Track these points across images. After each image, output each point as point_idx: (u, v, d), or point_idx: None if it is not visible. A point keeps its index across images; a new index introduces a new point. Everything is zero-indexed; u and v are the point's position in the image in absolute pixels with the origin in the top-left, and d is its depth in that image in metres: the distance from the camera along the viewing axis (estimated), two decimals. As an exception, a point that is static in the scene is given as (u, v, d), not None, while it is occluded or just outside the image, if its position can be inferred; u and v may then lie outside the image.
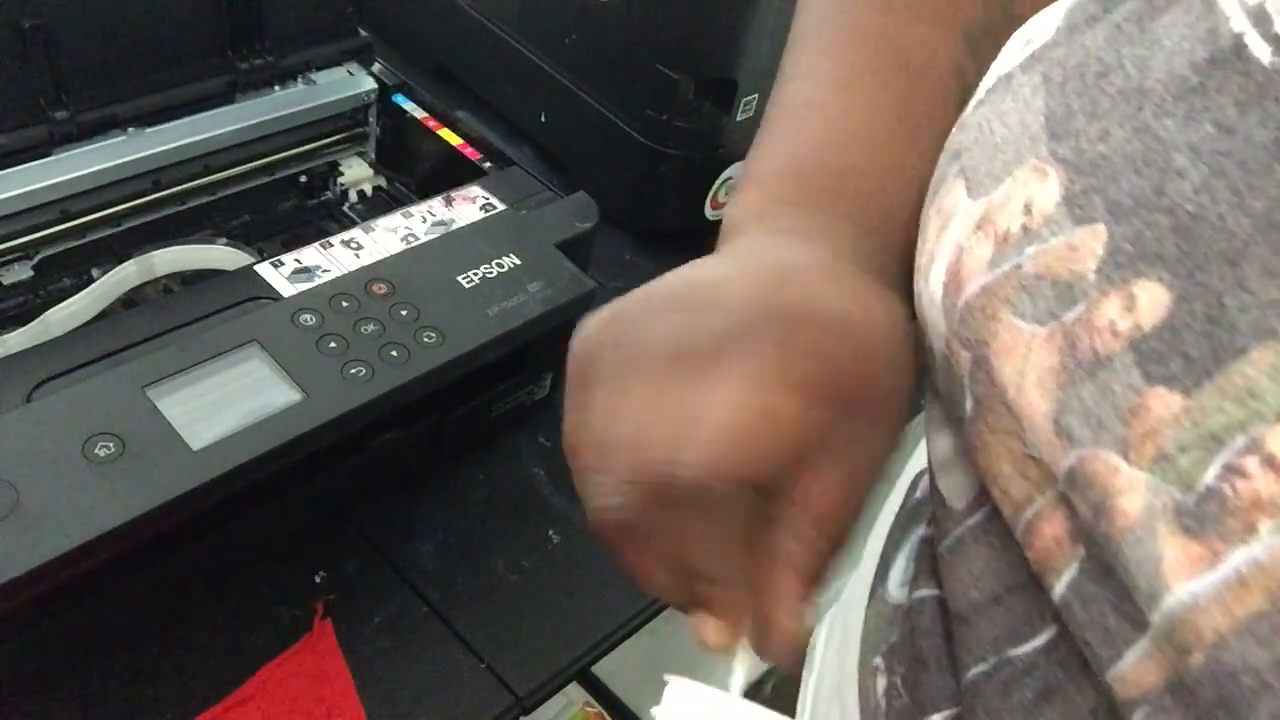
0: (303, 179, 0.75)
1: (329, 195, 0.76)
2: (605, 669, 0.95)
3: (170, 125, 0.66)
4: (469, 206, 0.67)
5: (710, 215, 0.87)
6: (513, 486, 0.69)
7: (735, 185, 0.39)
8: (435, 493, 0.68)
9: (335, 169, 0.76)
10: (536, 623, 0.62)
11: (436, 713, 0.58)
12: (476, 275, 0.61)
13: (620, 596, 0.64)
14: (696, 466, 0.29)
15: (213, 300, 0.58)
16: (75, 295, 0.62)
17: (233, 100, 0.69)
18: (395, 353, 0.56)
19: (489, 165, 0.73)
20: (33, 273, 0.63)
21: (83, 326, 0.62)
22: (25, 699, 0.54)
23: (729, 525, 0.31)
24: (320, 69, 0.74)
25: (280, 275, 0.59)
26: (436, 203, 0.67)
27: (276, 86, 0.71)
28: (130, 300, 0.65)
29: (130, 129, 0.65)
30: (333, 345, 0.55)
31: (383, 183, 0.78)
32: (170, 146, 0.66)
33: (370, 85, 0.75)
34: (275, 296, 0.58)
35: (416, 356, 0.56)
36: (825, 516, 0.31)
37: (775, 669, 0.34)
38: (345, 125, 0.75)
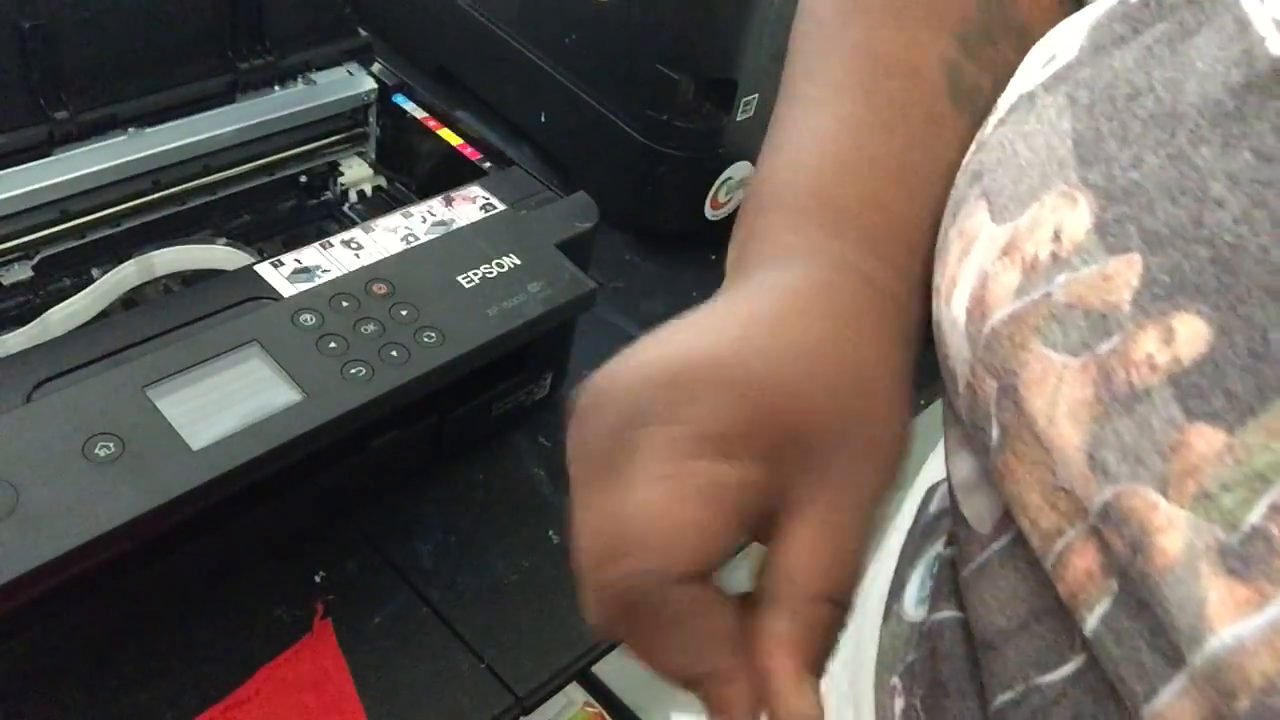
0: (303, 179, 0.75)
1: (329, 195, 0.76)
2: (605, 669, 0.95)
3: (170, 125, 0.66)
4: (469, 206, 0.67)
5: (710, 215, 0.87)
6: (513, 486, 0.69)
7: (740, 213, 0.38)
8: (435, 493, 0.68)
9: (335, 169, 0.76)
10: (536, 623, 0.62)
11: (436, 713, 0.58)
12: (476, 275, 0.61)
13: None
14: (641, 573, 0.27)
15: (213, 300, 0.58)
16: (75, 295, 0.62)
17: (233, 100, 0.69)
18: (395, 353, 0.56)
19: (489, 165, 0.73)
20: (33, 273, 0.63)
21: (83, 326, 0.61)
22: (25, 699, 0.54)
23: (709, 619, 0.29)
24: (320, 69, 0.73)
25: (280, 275, 0.59)
26: (436, 203, 0.67)
27: (276, 86, 0.71)
28: (130, 300, 0.65)
29: (130, 129, 0.65)
30: (333, 345, 0.55)
31: (383, 183, 0.78)
32: (170, 146, 0.66)
33: (370, 85, 0.75)
34: (275, 296, 0.58)
35: (416, 356, 0.56)
36: (812, 580, 0.29)
37: None
38: (345, 125, 0.75)
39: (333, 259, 0.61)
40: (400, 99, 0.77)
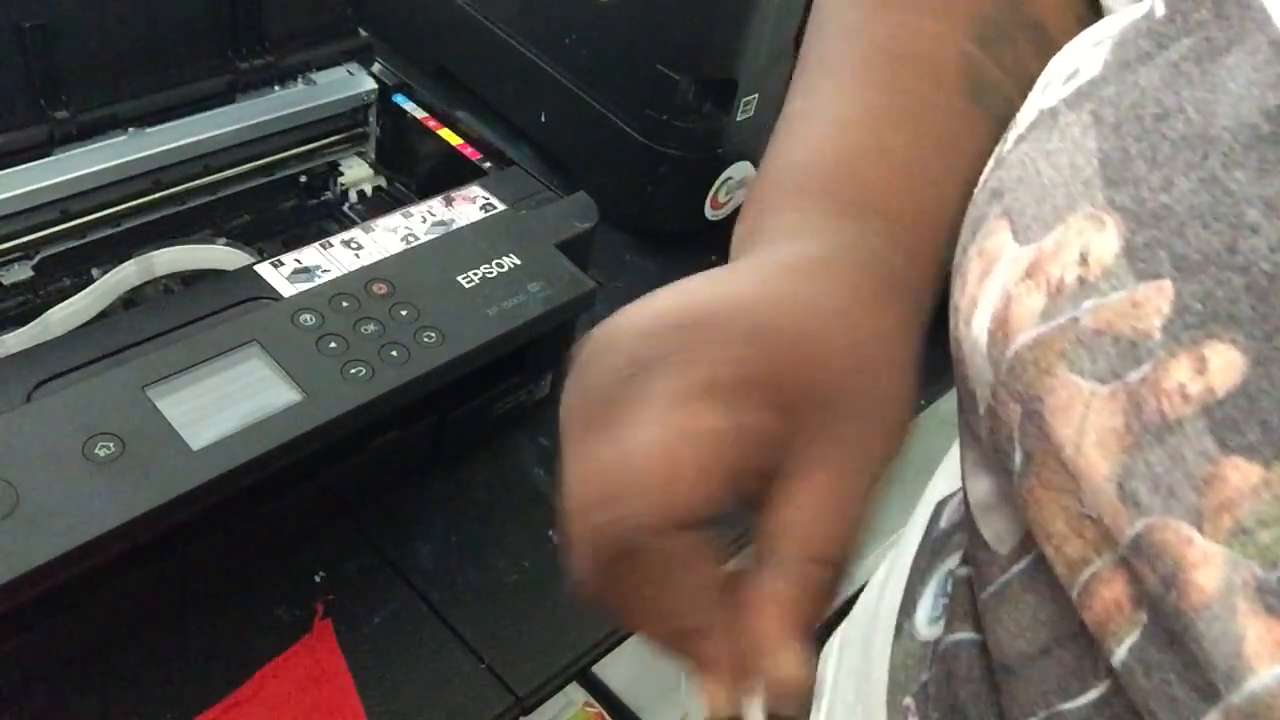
0: (303, 179, 0.75)
1: (329, 195, 0.76)
2: (605, 669, 0.95)
3: (170, 125, 0.66)
4: (469, 206, 0.67)
5: (710, 215, 0.87)
6: (513, 486, 0.69)
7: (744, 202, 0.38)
8: (435, 493, 0.68)
9: (335, 169, 0.76)
10: (536, 623, 0.62)
11: (436, 713, 0.58)
12: (476, 275, 0.61)
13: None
14: (635, 516, 0.27)
15: (213, 300, 0.58)
16: (75, 295, 0.62)
17: (233, 100, 0.69)
18: (395, 353, 0.56)
19: (489, 165, 0.73)
20: (33, 273, 0.63)
21: (83, 326, 0.61)
22: (25, 699, 0.54)
23: (698, 571, 0.28)
24: (320, 69, 0.73)
25: (280, 275, 0.59)
26: (436, 203, 0.67)
27: (276, 86, 0.71)
28: (130, 300, 0.65)
29: (130, 129, 0.65)
30: (333, 345, 0.55)
31: (383, 183, 0.78)
32: (170, 146, 0.66)
33: (370, 85, 0.75)
34: (275, 296, 0.58)
35: (416, 356, 0.56)
36: (810, 540, 0.28)
37: None
38: (345, 125, 0.75)
39: (333, 259, 0.61)
40: (400, 99, 0.77)
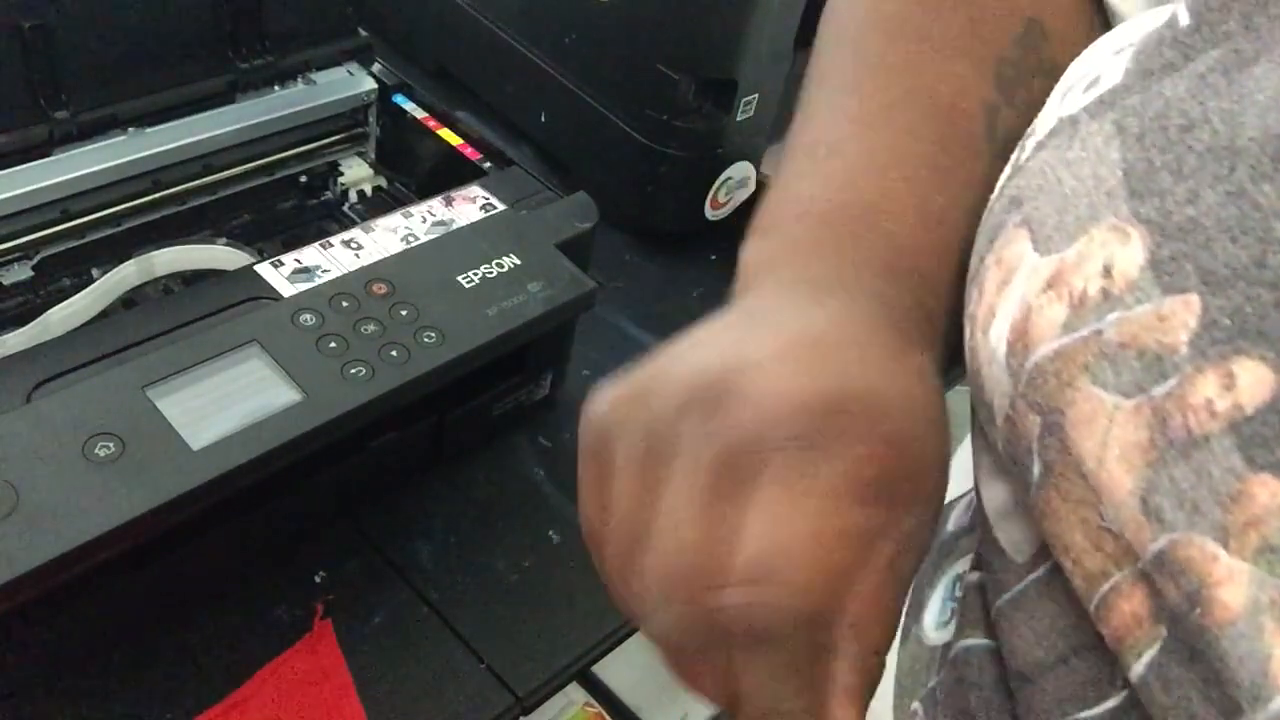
0: (303, 179, 0.75)
1: (329, 195, 0.76)
2: (605, 669, 0.95)
3: (170, 125, 0.66)
4: (469, 206, 0.67)
5: (710, 215, 0.87)
6: (513, 486, 0.69)
7: (751, 229, 0.36)
8: (435, 493, 0.68)
9: (335, 169, 0.76)
10: (536, 623, 0.62)
11: (436, 713, 0.58)
12: (476, 275, 0.61)
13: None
14: (783, 603, 0.26)
15: (213, 300, 0.58)
16: (75, 295, 0.62)
17: (233, 100, 0.69)
18: (395, 353, 0.56)
19: (489, 165, 0.73)
20: (33, 273, 0.63)
21: (83, 326, 0.61)
22: (25, 699, 0.54)
23: (787, 655, 0.28)
24: (320, 69, 0.73)
25: (280, 275, 0.59)
26: (436, 203, 0.67)
27: (276, 86, 0.71)
28: (130, 300, 0.65)
29: (130, 129, 0.65)
30: (333, 345, 0.55)
31: (383, 183, 0.78)
32: (170, 146, 0.66)
33: (370, 85, 0.75)
34: (275, 296, 0.58)
35: (416, 356, 0.56)
36: (874, 635, 0.28)
37: None
38: (345, 125, 0.75)
39: (333, 259, 0.61)
40: (400, 99, 0.77)
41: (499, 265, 0.62)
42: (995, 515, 0.33)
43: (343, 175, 0.76)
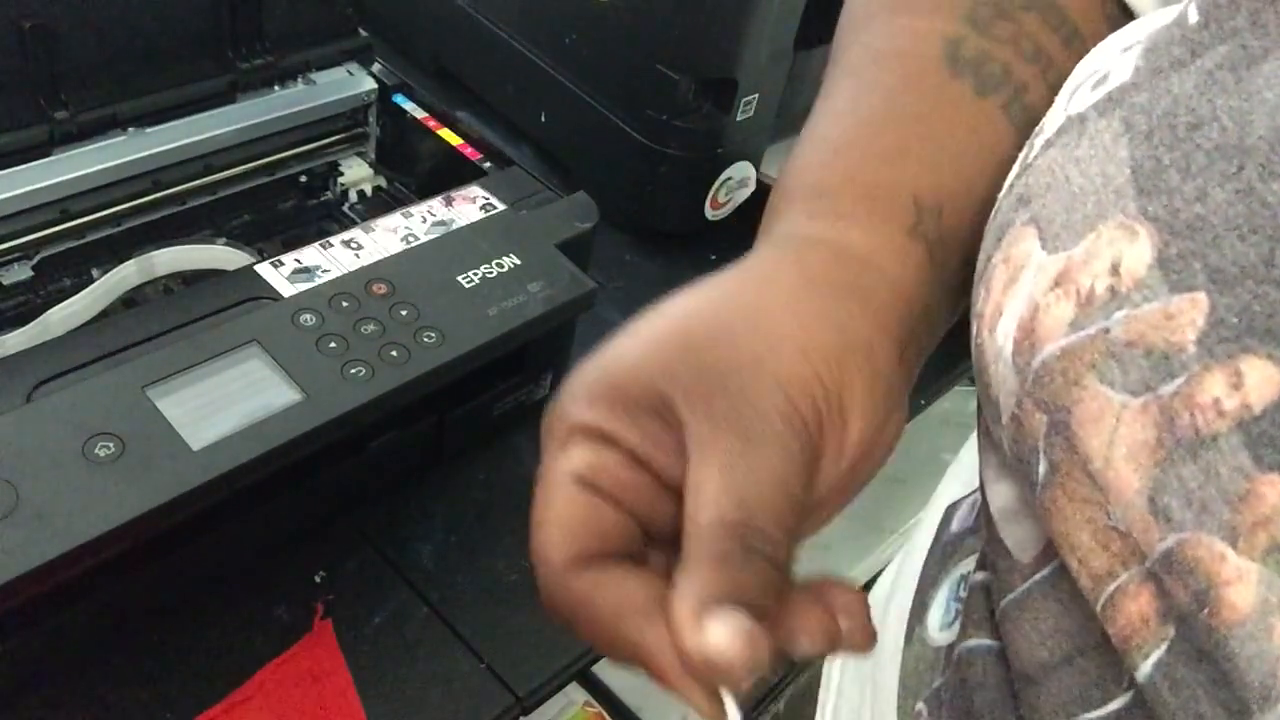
0: (303, 179, 0.75)
1: (329, 195, 0.76)
2: (605, 669, 0.95)
3: (170, 125, 0.66)
4: (469, 206, 0.67)
5: (710, 215, 0.87)
6: (513, 486, 0.69)
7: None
8: (435, 493, 0.68)
9: (335, 169, 0.76)
10: (536, 623, 0.62)
11: (436, 713, 0.58)
12: (476, 275, 0.61)
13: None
14: (539, 572, 0.30)
15: (213, 300, 0.58)
16: (75, 295, 0.62)
17: (233, 100, 0.69)
18: (395, 353, 0.56)
19: (489, 165, 0.73)
20: (33, 273, 0.63)
21: (83, 326, 0.61)
22: (25, 699, 0.54)
23: (612, 599, 0.29)
24: (320, 69, 0.73)
25: (280, 275, 0.59)
26: (436, 203, 0.67)
27: (276, 86, 0.71)
28: (130, 300, 0.65)
29: (130, 129, 0.65)
30: (333, 345, 0.55)
31: (383, 183, 0.78)
32: (170, 146, 0.66)
33: (370, 85, 0.75)
34: (275, 296, 0.58)
35: (416, 356, 0.56)
36: (703, 510, 0.29)
37: (789, 684, 0.33)
38: (345, 125, 0.75)
39: (333, 259, 0.61)
40: (400, 99, 0.77)
41: (499, 265, 0.62)
42: (1000, 515, 0.33)
43: (343, 175, 0.76)
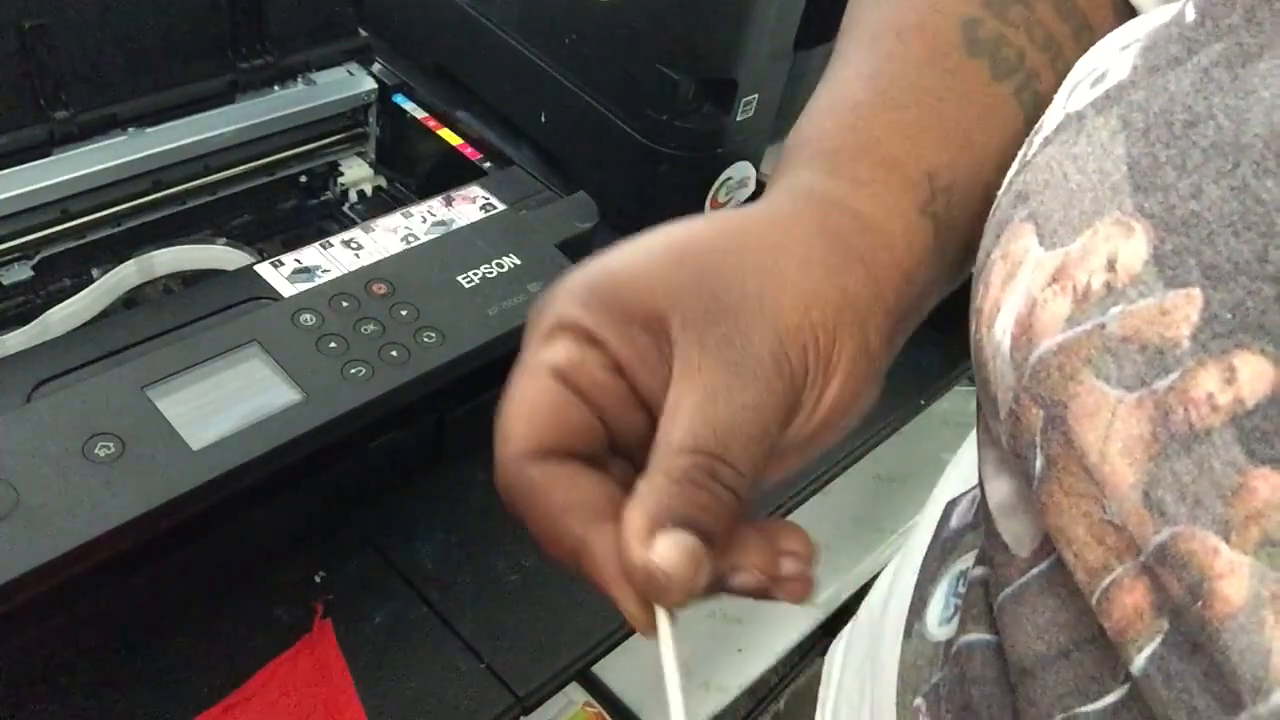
0: (303, 179, 0.75)
1: (329, 195, 0.76)
2: (605, 669, 0.95)
3: (170, 125, 0.66)
4: (469, 206, 0.67)
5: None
6: (513, 486, 0.69)
7: None
8: (435, 493, 0.68)
9: (335, 169, 0.76)
10: (536, 623, 0.62)
11: (436, 713, 0.58)
12: (476, 275, 0.61)
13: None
14: (499, 457, 0.31)
15: (213, 300, 0.58)
16: (75, 295, 0.62)
17: (233, 100, 0.69)
18: (395, 353, 0.56)
19: (489, 165, 0.73)
20: (33, 273, 0.63)
21: (83, 326, 0.62)
22: (25, 699, 0.54)
23: (564, 493, 0.31)
24: (320, 69, 0.73)
25: (280, 275, 0.59)
26: (436, 203, 0.67)
27: (276, 86, 0.71)
28: (130, 300, 0.65)
29: (130, 129, 0.65)
30: (333, 345, 0.55)
31: (383, 183, 0.78)
32: (170, 146, 0.66)
33: (370, 85, 0.75)
34: (275, 296, 0.58)
35: (416, 356, 0.56)
36: (673, 433, 0.29)
37: (789, 683, 0.33)
38: (345, 125, 0.75)
39: (333, 259, 0.61)
40: (400, 99, 0.77)
41: (499, 265, 0.62)
42: (998, 510, 0.33)
43: (343, 175, 0.76)
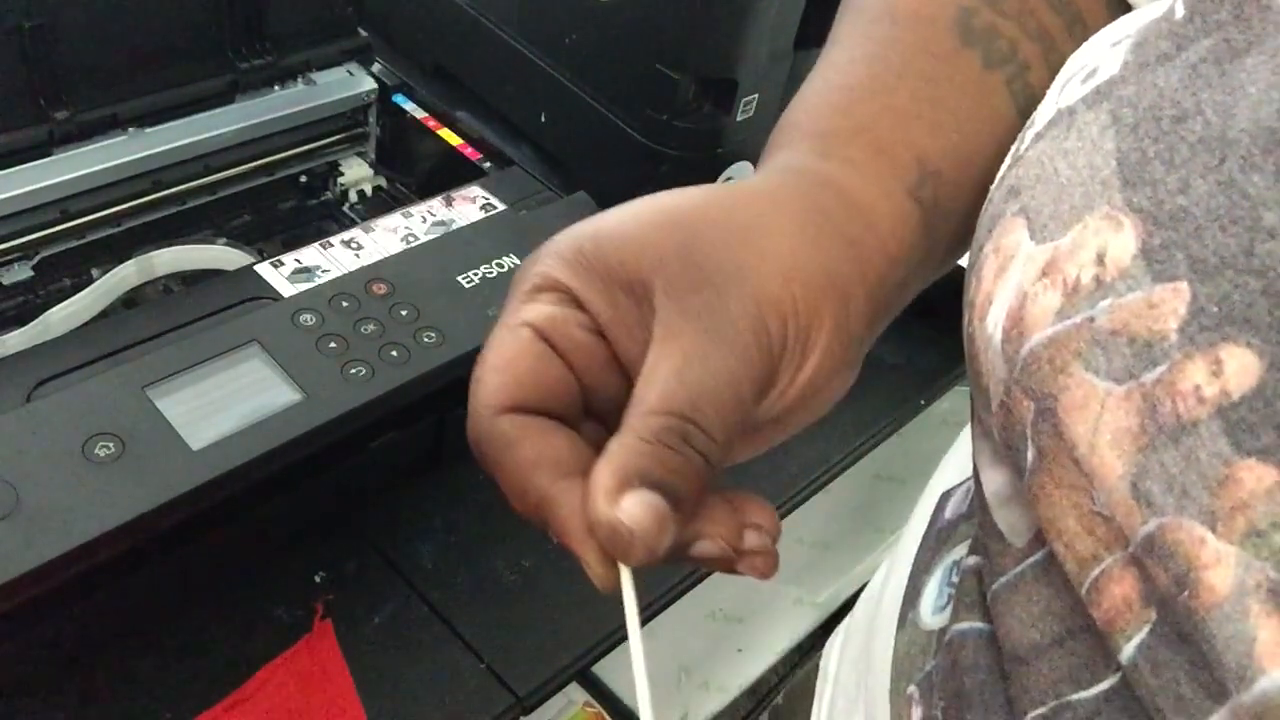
0: (303, 179, 0.75)
1: (329, 195, 0.76)
2: (605, 669, 0.95)
3: (170, 125, 0.66)
4: (469, 206, 0.67)
5: (710, 215, 0.87)
6: (513, 486, 0.69)
7: None
8: (435, 493, 0.68)
9: (335, 169, 0.76)
10: (536, 623, 0.62)
11: (436, 713, 0.58)
12: (476, 275, 0.61)
13: (620, 596, 0.64)
14: (470, 410, 0.31)
15: (213, 300, 0.58)
16: (75, 295, 0.62)
17: (233, 100, 0.69)
18: (395, 353, 0.56)
19: (489, 165, 0.73)
20: (33, 273, 0.63)
21: (83, 326, 0.61)
22: (25, 699, 0.54)
23: (530, 447, 0.31)
24: (320, 69, 0.73)
25: (280, 275, 0.59)
26: (436, 203, 0.67)
27: (276, 86, 0.71)
28: (130, 300, 0.65)
29: (130, 129, 0.65)
30: (333, 345, 0.55)
31: (383, 183, 0.78)
32: (170, 146, 0.66)
33: (370, 85, 0.75)
34: (275, 296, 0.58)
35: (416, 356, 0.56)
36: (647, 396, 0.29)
37: (789, 680, 0.33)
38: (345, 125, 0.75)
39: (333, 259, 0.61)
40: (400, 99, 0.77)
41: (499, 265, 0.62)
42: (994, 501, 0.34)
43: (343, 175, 0.76)
